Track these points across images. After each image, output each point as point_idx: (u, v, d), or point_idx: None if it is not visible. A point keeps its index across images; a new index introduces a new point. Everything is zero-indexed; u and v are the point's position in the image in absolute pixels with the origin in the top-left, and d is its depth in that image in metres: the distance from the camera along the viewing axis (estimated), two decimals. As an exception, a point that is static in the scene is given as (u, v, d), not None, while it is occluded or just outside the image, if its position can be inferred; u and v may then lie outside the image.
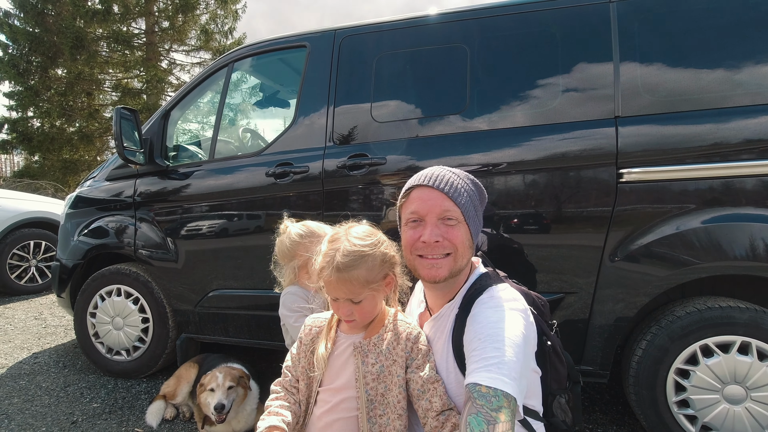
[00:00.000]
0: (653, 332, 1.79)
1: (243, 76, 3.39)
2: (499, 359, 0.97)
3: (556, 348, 1.22)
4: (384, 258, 1.18)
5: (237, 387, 2.03)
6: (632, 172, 1.78)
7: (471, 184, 1.24)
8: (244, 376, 2.11)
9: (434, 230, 1.16)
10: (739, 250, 1.69)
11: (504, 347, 0.99)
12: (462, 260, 1.19)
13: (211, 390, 1.98)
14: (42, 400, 2.48)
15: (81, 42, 13.14)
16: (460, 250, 1.17)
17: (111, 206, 2.79)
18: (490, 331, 1.03)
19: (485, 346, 1.01)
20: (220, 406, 1.91)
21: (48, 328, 3.77)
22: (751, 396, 1.69)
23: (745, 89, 1.72)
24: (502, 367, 0.96)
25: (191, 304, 2.55)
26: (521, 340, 1.02)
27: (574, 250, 1.88)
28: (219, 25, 15.34)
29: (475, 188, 1.25)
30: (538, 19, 2.01)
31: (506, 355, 0.98)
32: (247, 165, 2.43)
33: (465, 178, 1.24)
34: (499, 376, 0.95)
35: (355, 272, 1.13)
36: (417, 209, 1.19)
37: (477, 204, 1.24)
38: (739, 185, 1.70)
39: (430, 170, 1.24)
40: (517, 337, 1.02)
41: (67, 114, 14.12)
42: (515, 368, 0.97)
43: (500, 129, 1.99)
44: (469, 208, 1.20)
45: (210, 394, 1.98)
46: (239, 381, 2.05)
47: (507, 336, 1.02)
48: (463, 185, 1.21)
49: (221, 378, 2.00)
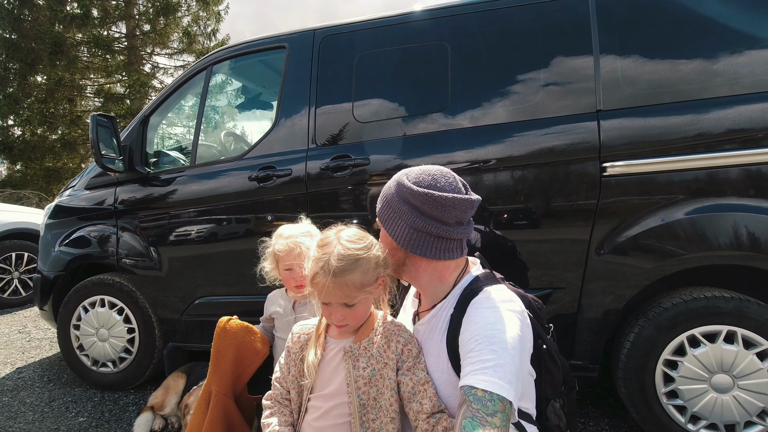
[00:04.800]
0: (641, 324, 1.80)
1: (223, 79, 3.34)
2: (496, 362, 0.95)
3: (551, 352, 1.20)
4: (377, 261, 1.17)
5: None
6: (615, 165, 1.78)
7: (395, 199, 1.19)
8: None
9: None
10: (723, 240, 1.69)
11: (501, 350, 0.98)
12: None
13: None
14: (26, 416, 2.42)
15: (60, 47, 12.86)
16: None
17: (92, 215, 2.73)
18: (487, 332, 1.01)
19: (482, 348, 0.99)
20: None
21: (32, 342, 3.69)
22: (738, 384, 1.70)
23: (723, 79, 1.72)
24: (499, 370, 0.94)
25: (177, 312, 2.51)
26: (518, 343, 1.01)
27: (561, 245, 1.88)
28: (202, 27, 15.15)
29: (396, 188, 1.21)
30: (517, 14, 2.00)
31: (503, 357, 0.96)
32: (229, 169, 2.39)
33: (387, 199, 1.22)
34: (495, 380, 0.93)
35: (350, 276, 1.11)
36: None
37: (396, 203, 1.19)
38: (722, 176, 1.70)
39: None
40: (514, 339, 1.01)
41: (48, 121, 13.84)
42: (512, 371, 0.95)
43: (483, 126, 1.98)
44: (385, 210, 1.22)
45: None
46: None
47: (504, 338, 1.00)
48: (384, 191, 1.24)
49: None
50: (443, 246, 1.16)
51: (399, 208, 1.17)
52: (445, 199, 1.12)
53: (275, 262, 1.78)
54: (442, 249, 1.16)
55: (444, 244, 1.16)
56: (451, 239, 1.17)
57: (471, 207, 1.17)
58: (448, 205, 1.12)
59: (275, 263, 1.78)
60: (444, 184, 1.15)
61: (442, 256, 1.17)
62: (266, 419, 1.27)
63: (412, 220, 1.15)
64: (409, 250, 1.17)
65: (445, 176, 1.18)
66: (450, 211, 1.13)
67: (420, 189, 1.13)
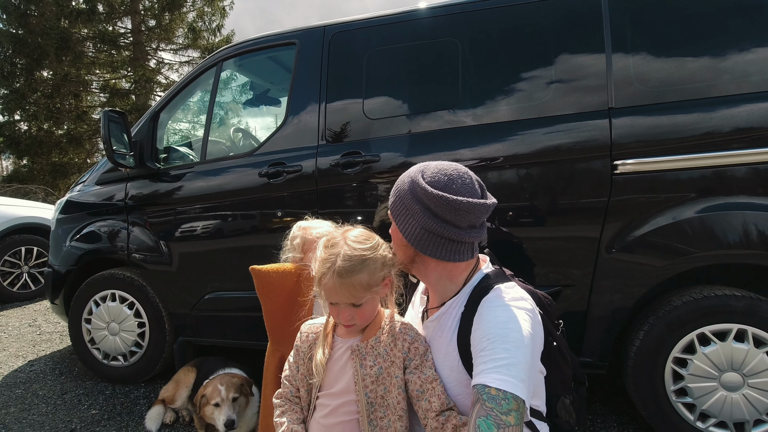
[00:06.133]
0: (651, 322, 1.80)
1: (232, 75, 3.35)
2: (509, 360, 0.96)
3: (561, 349, 1.20)
4: (384, 261, 1.17)
5: (240, 397, 1.99)
6: (627, 163, 1.78)
7: (406, 198, 1.17)
8: (245, 383, 2.06)
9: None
10: (733, 238, 1.69)
11: (514, 348, 0.98)
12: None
13: (216, 405, 1.93)
14: (39, 408, 2.46)
15: (66, 43, 12.91)
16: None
17: (102, 210, 2.75)
18: (499, 331, 1.02)
19: (495, 346, 0.99)
20: (230, 423, 1.87)
21: (43, 335, 3.74)
22: (748, 383, 1.70)
23: (731, 76, 1.71)
24: (512, 369, 0.95)
25: (188, 307, 2.53)
26: (530, 341, 1.01)
27: (571, 243, 1.88)
28: (206, 23, 15.15)
29: (411, 200, 1.16)
30: (530, 11, 1.99)
31: (516, 356, 0.97)
32: (239, 166, 2.40)
33: (399, 197, 1.20)
34: (509, 378, 0.93)
35: (357, 277, 1.11)
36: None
37: (413, 217, 1.15)
38: (733, 174, 1.70)
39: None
40: (526, 338, 1.01)
41: (54, 116, 13.91)
42: (524, 370, 0.96)
43: (494, 123, 1.98)
44: (397, 206, 1.19)
45: (215, 409, 1.93)
46: (241, 389, 2.01)
47: (516, 337, 1.00)
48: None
49: (224, 391, 1.94)
50: (454, 248, 1.14)
51: (411, 206, 1.15)
52: (460, 203, 1.08)
53: (303, 253, 1.71)
54: (453, 251, 1.14)
55: (455, 247, 1.14)
56: (462, 242, 1.15)
57: (486, 211, 1.13)
58: (462, 209, 1.09)
59: (303, 254, 1.71)
60: (459, 186, 1.12)
61: (453, 258, 1.15)
62: (278, 418, 1.28)
63: (424, 221, 1.12)
64: (419, 249, 1.16)
65: (461, 177, 1.14)
66: (464, 216, 1.10)
67: (434, 191, 1.10)
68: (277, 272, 1.66)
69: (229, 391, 1.96)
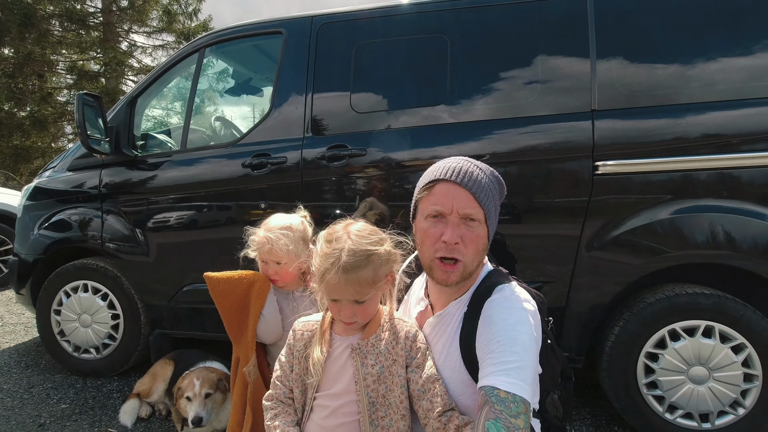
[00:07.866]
0: (625, 318, 1.87)
1: (215, 63, 3.26)
2: (518, 364, 0.97)
3: (553, 346, 1.23)
4: (388, 256, 1.15)
5: (215, 393, 1.94)
6: (607, 164, 1.84)
7: (495, 181, 1.17)
8: (223, 378, 2.00)
9: (455, 230, 1.09)
10: (702, 239, 1.78)
11: (522, 352, 0.99)
12: (472, 265, 1.14)
13: (188, 399, 1.89)
14: (4, 402, 2.36)
15: (30, 19, 12.19)
16: (471, 255, 1.12)
17: (74, 198, 2.64)
18: (509, 333, 1.02)
19: (504, 349, 1.00)
20: (197, 420, 1.82)
21: (6, 327, 3.57)
22: (714, 376, 1.80)
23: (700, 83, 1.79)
24: (522, 372, 0.96)
25: (165, 299, 2.47)
26: (534, 344, 1.03)
27: (553, 241, 1.93)
28: (182, 6, 14.58)
29: (497, 185, 1.18)
30: (517, 10, 2.01)
31: (525, 360, 0.98)
32: (221, 155, 2.35)
33: (490, 174, 1.16)
34: (518, 382, 0.94)
35: (362, 272, 1.08)
36: (440, 206, 1.11)
37: (497, 202, 1.18)
38: (702, 178, 1.78)
39: (455, 163, 1.14)
40: (532, 340, 1.03)
41: (16, 97, 13.16)
42: (531, 373, 0.98)
43: (482, 120, 2.01)
44: (491, 208, 1.13)
45: (187, 402, 1.89)
46: (218, 385, 1.95)
47: (525, 340, 1.02)
48: (487, 183, 1.13)
49: (198, 386, 1.89)
50: None
51: (497, 206, 1.19)
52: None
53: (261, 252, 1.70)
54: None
55: None
56: None
57: None
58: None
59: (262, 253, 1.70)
60: None
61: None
62: (270, 422, 1.22)
63: (496, 218, 1.19)
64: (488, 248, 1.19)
65: None
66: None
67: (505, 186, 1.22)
68: (228, 281, 1.69)
69: (203, 386, 1.90)
